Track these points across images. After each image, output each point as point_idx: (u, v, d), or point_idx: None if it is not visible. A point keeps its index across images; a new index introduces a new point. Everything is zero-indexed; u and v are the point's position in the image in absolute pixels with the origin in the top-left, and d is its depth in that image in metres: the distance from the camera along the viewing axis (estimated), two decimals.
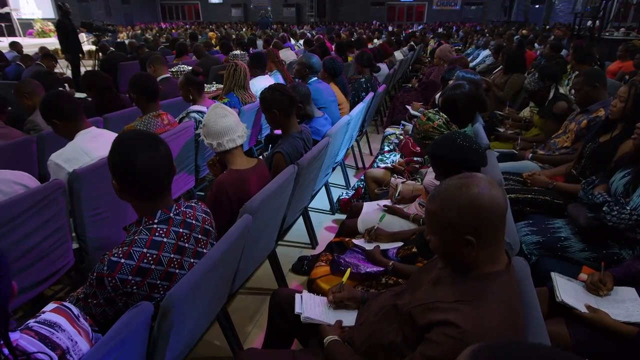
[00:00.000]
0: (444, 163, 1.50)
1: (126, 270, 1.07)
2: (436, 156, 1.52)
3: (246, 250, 1.65)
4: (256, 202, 1.53)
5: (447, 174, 1.51)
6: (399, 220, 2.08)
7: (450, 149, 1.48)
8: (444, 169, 1.51)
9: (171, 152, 1.19)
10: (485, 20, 21.85)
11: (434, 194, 0.96)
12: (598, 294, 1.53)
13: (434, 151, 1.53)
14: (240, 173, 1.69)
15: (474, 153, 1.47)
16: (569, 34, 10.83)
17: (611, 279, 1.57)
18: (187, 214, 1.24)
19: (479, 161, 1.50)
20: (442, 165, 1.52)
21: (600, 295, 1.53)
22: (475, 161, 1.48)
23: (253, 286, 2.40)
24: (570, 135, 2.69)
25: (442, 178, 1.55)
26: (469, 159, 1.46)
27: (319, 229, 3.05)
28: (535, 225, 2.04)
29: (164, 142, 1.18)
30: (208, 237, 1.31)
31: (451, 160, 1.47)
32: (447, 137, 1.54)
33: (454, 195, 0.92)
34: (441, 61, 5.23)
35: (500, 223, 0.93)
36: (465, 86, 2.39)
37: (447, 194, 0.93)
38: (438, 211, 0.94)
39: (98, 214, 1.98)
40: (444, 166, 1.50)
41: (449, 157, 1.48)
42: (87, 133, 1.93)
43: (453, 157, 1.46)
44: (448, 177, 1.52)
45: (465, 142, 1.47)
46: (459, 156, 1.46)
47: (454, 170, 1.47)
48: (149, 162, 1.10)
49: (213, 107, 1.71)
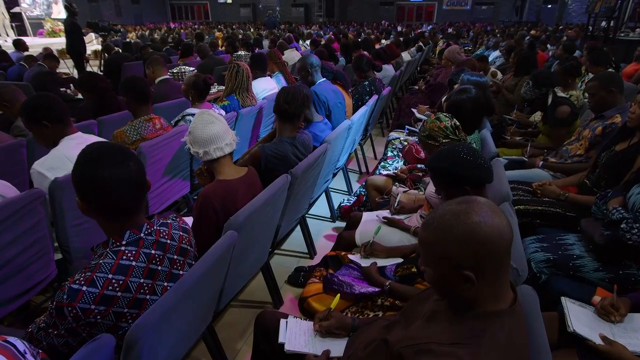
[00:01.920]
0: (445, 178, 1.38)
1: (88, 299, 0.97)
2: (436, 170, 1.40)
3: (233, 267, 1.55)
4: (242, 217, 1.42)
5: (448, 190, 1.39)
6: (398, 233, 1.95)
7: (451, 162, 1.35)
8: (444, 184, 1.39)
9: (143, 167, 1.09)
10: (496, 20, 21.52)
11: (429, 221, 0.84)
12: (609, 319, 1.40)
13: (433, 164, 1.40)
14: (227, 184, 1.59)
15: (478, 168, 1.34)
16: (583, 35, 10.57)
17: (626, 304, 1.43)
18: (161, 233, 1.14)
19: (484, 177, 1.37)
20: (442, 181, 1.40)
21: (612, 321, 1.39)
22: (479, 177, 1.35)
23: (245, 299, 2.30)
24: (583, 142, 2.55)
25: (442, 193, 1.43)
26: (472, 174, 1.34)
27: (318, 237, 2.94)
28: (545, 241, 1.91)
29: (135, 156, 1.07)
30: (185, 257, 1.21)
31: (452, 175, 1.35)
32: (449, 149, 1.41)
33: (451, 225, 0.80)
34: (449, 62, 5.08)
35: (505, 257, 0.81)
36: (471, 90, 2.26)
37: (443, 222, 0.81)
38: (432, 241, 0.82)
39: (82, 224, 1.89)
40: (445, 181, 1.38)
41: (449, 172, 1.35)
42: (71, 139, 1.84)
43: (454, 172, 1.34)
44: (449, 192, 1.41)
45: (469, 155, 1.35)
46: (461, 171, 1.33)
47: (455, 186, 1.35)
48: (115, 179, 1.00)
49: (199, 114, 1.61)
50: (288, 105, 2.20)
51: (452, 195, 1.40)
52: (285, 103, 2.20)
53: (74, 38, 6.84)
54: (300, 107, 2.21)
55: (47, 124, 1.81)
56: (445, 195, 1.41)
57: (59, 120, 1.82)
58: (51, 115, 1.81)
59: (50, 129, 1.82)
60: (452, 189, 1.36)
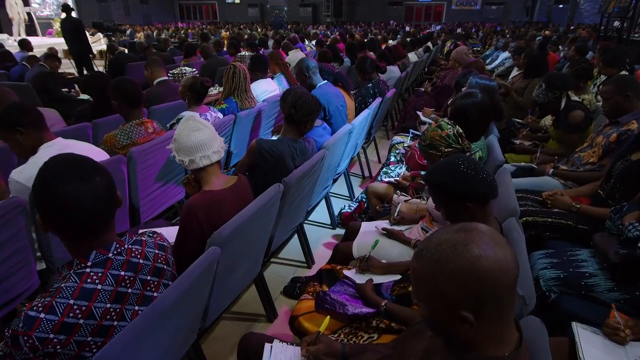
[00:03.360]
0: (444, 194, 1.27)
1: (46, 328, 0.88)
2: (434, 185, 1.29)
3: (218, 283, 1.45)
4: (226, 232, 1.33)
5: (448, 206, 1.28)
6: (398, 246, 1.85)
7: (450, 177, 1.24)
8: (444, 200, 1.28)
9: (112, 181, 1.00)
10: (506, 20, 21.21)
11: (422, 251, 0.74)
12: (619, 338, 1.28)
13: (431, 178, 1.30)
14: (214, 195, 1.49)
15: (479, 184, 1.23)
16: (595, 35, 10.34)
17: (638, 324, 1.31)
18: (133, 252, 1.04)
19: (487, 193, 1.26)
20: (441, 196, 1.29)
21: (621, 339, 1.27)
22: (482, 193, 1.24)
23: (238, 311, 2.20)
24: (597, 149, 2.41)
25: (442, 210, 1.32)
26: (474, 190, 1.22)
27: (318, 245, 2.84)
28: (555, 256, 1.78)
29: (103, 170, 0.98)
30: (161, 277, 1.11)
31: (452, 191, 1.24)
32: (448, 162, 1.30)
33: (447, 257, 0.69)
34: (456, 64, 4.95)
35: (509, 296, 0.70)
36: (477, 95, 2.14)
37: (438, 254, 0.70)
38: (425, 275, 0.71)
39: None
40: (444, 197, 1.27)
41: (449, 188, 1.24)
42: (50, 146, 1.76)
43: (454, 188, 1.23)
44: (449, 209, 1.30)
45: (470, 169, 1.24)
46: (462, 187, 1.22)
47: (455, 202, 1.24)
48: (78, 196, 0.91)
49: (185, 120, 1.51)
50: (295, 110, 2.13)
51: (452, 212, 1.29)
52: (292, 107, 2.14)
53: (74, 38, 6.80)
54: (306, 116, 2.15)
55: (21, 130, 1.73)
56: (445, 212, 1.30)
57: (34, 125, 1.74)
58: (25, 120, 1.73)
59: (26, 136, 1.74)
60: (453, 205, 1.25)
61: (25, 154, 1.79)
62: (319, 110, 2.25)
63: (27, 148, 1.75)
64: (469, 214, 1.27)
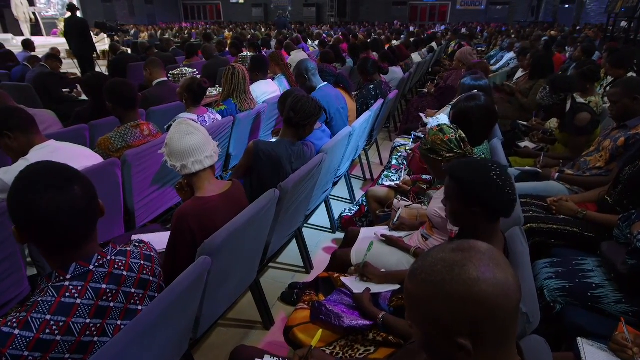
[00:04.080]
0: (461, 191, 1.19)
1: (20, 345, 0.84)
2: (455, 177, 1.21)
3: (210, 293, 1.41)
4: (218, 240, 1.28)
5: (456, 204, 1.21)
6: (397, 253, 1.79)
7: (475, 176, 1.17)
8: (457, 196, 1.21)
9: (94, 191, 0.95)
10: (512, 20, 21.05)
11: (416, 270, 0.68)
12: (626, 356, 1.22)
13: (454, 170, 1.21)
14: (206, 202, 1.44)
15: (501, 197, 1.16)
16: (601, 36, 10.22)
17: None
18: (116, 264, 1.00)
19: (502, 210, 1.19)
20: (457, 192, 1.21)
21: (628, 357, 1.21)
22: (497, 208, 1.18)
23: (234, 317, 2.15)
24: (604, 153, 2.34)
25: (448, 204, 1.25)
26: (492, 200, 1.16)
27: (317, 249, 2.79)
28: (560, 265, 1.72)
29: (82, 179, 0.94)
30: (146, 289, 1.07)
31: (471, 191, 1.17)
32: (480, 163, 1.23)
33: (442, 279, 0.63)
34: (460, 64, 4.88)
35: (510, 321, 0.65)
36: (480, 98, 2.08)
37: (433, 274, 0.65)
38: (419, 297, 0.66)
39: None
40: (459, 194, 1.20)
41: (467, 186, 1.17)
42: (42, 148, 1.72)
43: (475, 190, 1.16)
44: (456, 207, 1.22)
45: (500, 179, 1.16)
46: (483, 192, 1.15)
47: (466, 203, 1.18)
48: (55, 207, 0.86)
49: (177, 123, 1.47)
50: (294, 113, 2.09)
51: (458, 212, 1.22)
52: (291, 110, 2.09)
53: (78, 38, 6.78)
54: (305, 119, 2.10)
55: (8, 134, 1.69)
56: (450, 208, 1.25)
57: (22, 129, 1.70)
58: (10, 124, 1.69)
59: (14, 139, 1.70)
60: (462, 204, 1.19)
61: (17, 157, 1.75)
62: (319, 113, 2.21)
63: (17, 151, 1.71)
64: (473, 221, 1.21)
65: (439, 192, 1.81)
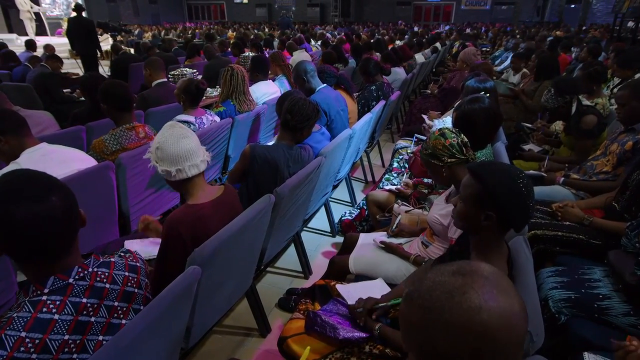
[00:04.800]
0: (482, 193, 1.11)
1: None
2: (480, 178, 1.12)
3: (201, 303, 1.36)
4: (209, 249, 1.23)
5: (469, 203, 1.13)
6: (396, 261, 1.74)
7: (500, 182, 1.09)
8: (474, 199, 1.12)
9: (73, 200, 0.90)
10: (517, 20, 20.91)
11: (412, 294, 0.63)
12: None
13: (480, 171, 1.13)
14: (198, 209, 1.39)
15: (522, 208, 1.09)
16: (608, 36, 10.10)
17: None
18: (99, 276, 0.95)
19: (518, 223, 1.13)
20: (475, 194, 1.12)
21: None
22: (515, 219, 1.11)
23: (230, 324, 2.11)
24: (611, 158, 2.28)
25: (458, 203, 1.18)
26: (512, 208, 1.08)
27: (316, 253, 2.74)
28: (566, 275, 1.66)
29: (62, 188, 0.89)
30: (130, 302, 1.02)
31: (493, 195, 1.08)
32: (508, 167, 1.15)
33: (441, 306, 0.58)
34: (464, 65, 4.82)
35: (514, 352, 0.59)
36: (484, 100, 2.02)
37: (431, 300, 0.59)
38: (415, 324, 0.61)
39: None
40: (478, 197, 1.11)
41: (493, 190, 1.09)
42: (33, 151, 1.68)
43: (495, 191, 1.08)
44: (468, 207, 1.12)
45: (525, 189, 1.09)
46: (504, 198, 1.08)
47: (482, 208, 1.10)
48: (31, 218, 0.82)
49: (170, 126, 1.42)
50: (290, 115, 2.04)
51: (467, 212, 1.14)
52: (288, 112, 2.05)
53: (83, 38, 6.77)
54: (302, 122, 2.06)
55: (0, 138, 1.65)
56: (460, 209, 1.17)
57: (13, 132, 1.66)
58: (3, 127, 1.65)
59: (6, 143, 1.66)
60: (476, 206, 1.11)
61: (8, 160, 1.71)
62: (317, 116, 2.16)
63: (8, 154, 1.67)
64: (480, 227, 1.13)
65: (440, 197, 1.76)
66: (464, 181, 1.19)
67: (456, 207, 1.21)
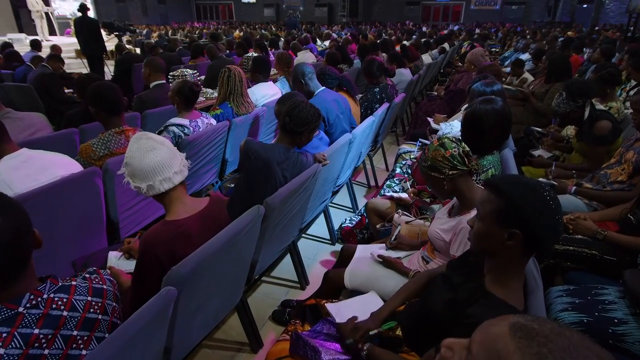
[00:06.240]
0: (505, 209, 0.99)
1: None
2: (502, 193, 1.00)
3: (182, 324, 1.27)
4: (185, 269, 1.13)
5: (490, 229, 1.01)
6: (395, 277, 1.63)
7: (531, 196, 0.97)
8: (495, 217, 1.00)
9: (23, 220, 0.81)
10: (527, 20, 20.59)
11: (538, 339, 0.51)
12: None
13: (502, 186, 1.01)
14: (177, 226, 1.29)
15: (552, 226, 0.96)
16: (622, 37, 9.86)
17: None
18: (55, 303, 0.86)
19: (547, 242, 1.00)
20: (498, 211, 1.00)
21: None
22: (542, 239, 0.98)
23: (221, 338, 2.01)
24: (626, 166, 2.14)
25: (477, 226, 1.06)
26: (542, 228, 0.96)
27: (314, 262, 2.64)
28: (577, 295, 1.54)
29: (9, 209, 0.80)
30: (93, 330, 0.93)
31: (519, 212, 0.97)
32: (535, 183, 1.01)
33: None
34: (472, 66, 4.68)
35: None
36: (497, 102, 1.90)
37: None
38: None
39: None
40: (500, 214, 0.99)
41: (519, 206, 0.97)
42: (12, 158, 1.60)
43: (525, 210, 0.96)
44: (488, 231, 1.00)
45: (553, 202, 0.96)
46: (534, 215, 0.95)
47: (506, 227, 0.98)
48: None
49: (136, 139, 1.30)
50: (289, 119, 1.95)
51: (487, 232, 1.02)
52: (287, 115, 1.96)
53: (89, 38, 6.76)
54: (300, 127, 1.96)
55: None
56: (478, 229, 1.04)
57: None
58: None
59: None
60: (498, 225, 0.99)
61: None
62: (317, 121, 2.05)
63: None
64: (501, 250, 1.01)
65: (443, 209, 1.64)
66: (481, 198, 1.06)
67: (473, 228, 1.08)
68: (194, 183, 2.66)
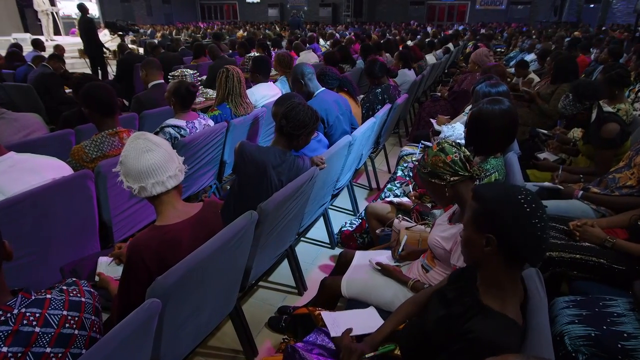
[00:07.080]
0: (478, 212, 0.99)
1: None
2: (477, 196, 1.00)
3: (169, 335, 1.21)
4: (171, 279, 1.08)
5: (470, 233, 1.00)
6: (393, 286, 1.57)
7: (501, 197, 0.96)
8: (472, 221, 1.00)
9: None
10: (533, 20, 20.41)
11: None
12: None
13: (482, 191, 1.00)
14: (166, 231, 1.24)
15: (526, 226, 0.93)
16: (630, 37, 9.72)
17: None
18: (26, 318, 0.81)
19: (526, 251, 0.96)
20: (473, 216, 1.00)
21: None
22: (519, 246, 0.95)
23: (215, 345, 1.96)
24: (635, 171, 2.06)
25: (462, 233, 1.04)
26: (520, 238, 0.94)
27: (313, 266, 2.58)
28: (584, 306, 1.47)
29: None
30: (68, 346, 0.88)
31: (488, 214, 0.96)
32: (510, 186, 1.02)
33: None
34: (476, 67, 4.60)
35: None
36: (505, 103, 1.83)
37: None
38: None
39: (19, 258, 1.62)
40: (474, 217, 0.99)
41: (487, 207, 0.96)
42: (0, 162, 1.55)
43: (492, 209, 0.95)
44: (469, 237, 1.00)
45: (529, 205, 0.93)
46: (504, 217, 0.94)
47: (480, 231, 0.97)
48: None
49: (133, 138, 1.27)
50: (286, 121, 1.90)
51: (469, 238, 1.02)
52: (284, 117, 1.91)
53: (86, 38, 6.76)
54: (297, 129, 1.91)
55: None
56: (463, 234, 1.04)
57: None
58: None
59: None
60: (474, 229, 0.99)
61: None
62: (315, 124, 2.00)
63: None
64: (484, 257, 0.99)
65: (443, 216, 1.58)
66: (468, 204, 1.04)
67: (461, 236, 1.06)
68: (191, 186, 2.62)
